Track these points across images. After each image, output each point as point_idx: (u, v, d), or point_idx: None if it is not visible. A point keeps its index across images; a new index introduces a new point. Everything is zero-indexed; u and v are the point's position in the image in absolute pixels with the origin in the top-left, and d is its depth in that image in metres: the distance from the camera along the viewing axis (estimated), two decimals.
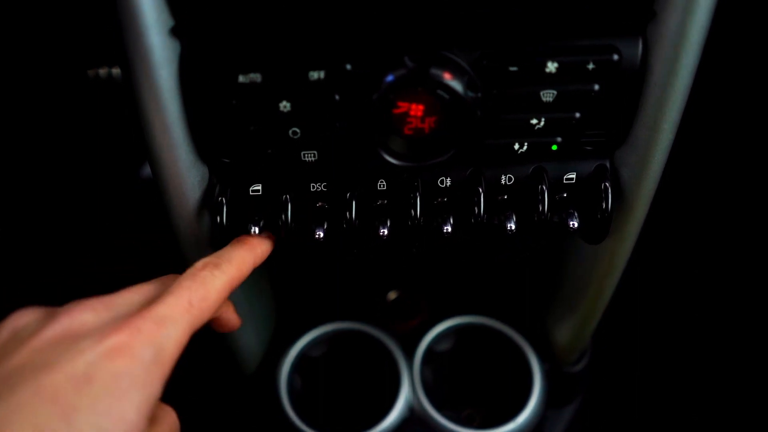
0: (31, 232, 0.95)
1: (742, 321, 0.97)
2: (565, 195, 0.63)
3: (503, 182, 0.62)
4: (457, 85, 0.51)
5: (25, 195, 0.89)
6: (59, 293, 0.99)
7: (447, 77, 0.51)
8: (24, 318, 0.47)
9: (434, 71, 0.51)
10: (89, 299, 0.48)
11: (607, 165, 0.62)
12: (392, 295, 0.93)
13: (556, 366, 0.91)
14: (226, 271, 0.54)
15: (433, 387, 0.86)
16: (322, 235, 0.61)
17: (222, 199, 0.60)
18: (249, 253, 0.58)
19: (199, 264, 0.53)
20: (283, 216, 0.60)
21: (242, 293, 0.77)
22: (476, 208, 0.60)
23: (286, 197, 0.60)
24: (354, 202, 0.60)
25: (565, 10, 0.52)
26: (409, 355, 0.86)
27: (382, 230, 0.61)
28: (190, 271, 0.52)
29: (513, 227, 0.61)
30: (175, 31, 0.52)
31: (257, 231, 0.60)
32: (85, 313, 0.46)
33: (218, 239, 0.62)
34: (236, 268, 0.55)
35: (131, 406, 0.42)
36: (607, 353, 0.99)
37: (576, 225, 0.62)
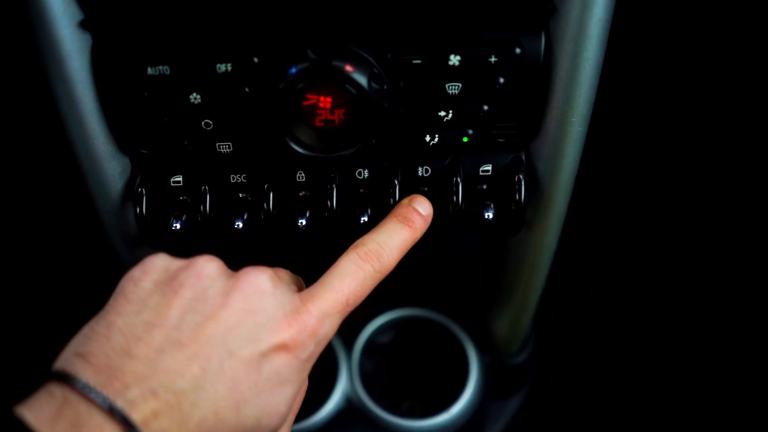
0: (31, 232, 0.95)
1: (682, 306, 0.98)
2: (485, 187, 0.64)
3: (420, 174, 0.63)
4: (359, 78, 0.53)
5: (24, 195, 0.89)
6: (60, 293, 0.99)
7: (348, 69, 0.52)
8: (208, 267, 0.48)
9: (336, 64, 0.52)
10: (266, 268, 0.49)
11: (522, 157, 0.63)
12: None
13: (497, 358, 0.92)
14: (385, 263, 0.53)
15: (372, 379, 0.87)
16: (241, 225, 0.62)
17: (142, 190, 0.61)
18: (411, 236, 0.56)
19: (362, 251, 0.52)
20: (201, 207, 0.61)
21: None
22: (392, 200, 0.61)
23: (204, 188, 0.61)
24: (271, 193, 0.61)
25: (468, 3, 0.53)
26: (349, 347, 0.87)
27: (300, 221, 0.62)
28: (353, 259, 0.52)
29: None
30: (85, 24, 0.53)
31: (179, 227, 0.61)
32: (265, 283, 0.48)
33: (142, 231, 0.63)
34: (395, 259, 0.54)
35: (284, 399, 0.46)
36: (550, 346, 1.01)
37: (491, 216, 0.63)
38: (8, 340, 0.98)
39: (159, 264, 0.49)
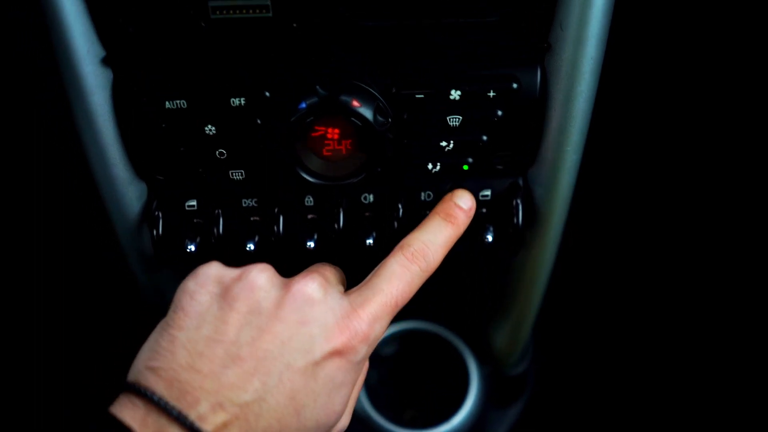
0: (51, 257, 0.96)
1: (680, 316, 1.01)
2: (483, 210, 0.67)
3: (423, 198, 0.66)
4: (365, 112, 0.56)
5: (47, 219, 0.91)
6: (61, 294, 1.00)
7: (355, 104, 0.55)
8: (260, 278, 0.50)
9: (344, 99, 0.55)
10: (316, 274, 0.52)
11: (520, 183, 0.66)
12: None
13: (497, 369, 0.95)
14: (431, 262, 0.55)
15: (376, 389, 0.90)
16: (252, 247, 0.65)
17: (158, 214, 0.64)
18: (454, 232, 0.59)
19: (408, 252, 0.55)
20: (214, 230, 0.64)
21: None
22: (396, 223, 0.64)
23: (217, 212, 0.64)
24: (281, 217, 0.64)
25: (468, 42, 0.56)
26: None
27: (309, 243, 0.65)
28: (399, 260, 0.54)
29: None
30: (107, 61, 0.56)
31: (194, 249, 0.64)
32: (316, 292, 0.50)
33: (157, 252, 0.66)
34: (440, 257, 0.56)
35: (341, 400, 0.50)
36: (549, 355, 1.03)
37: (491, 239, 0.66)
38: (29, 358, 1.00)
39: (212, 274, 0.51)
